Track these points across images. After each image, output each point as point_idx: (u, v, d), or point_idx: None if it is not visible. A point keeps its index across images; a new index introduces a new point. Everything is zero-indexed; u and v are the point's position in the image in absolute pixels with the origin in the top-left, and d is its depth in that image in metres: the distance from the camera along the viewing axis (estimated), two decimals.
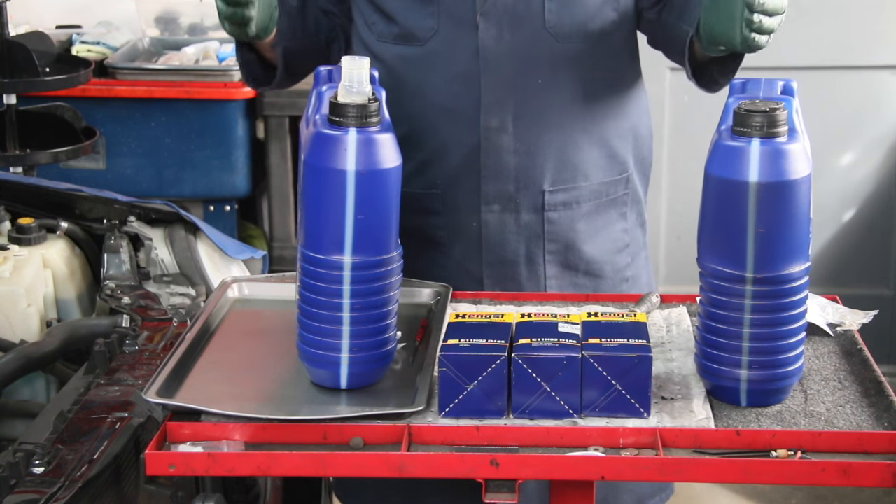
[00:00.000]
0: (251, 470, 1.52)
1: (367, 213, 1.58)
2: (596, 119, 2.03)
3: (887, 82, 4.16)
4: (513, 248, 2.04)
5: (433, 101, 2.00)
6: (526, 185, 2.01)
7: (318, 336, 1.61)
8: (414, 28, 1.99)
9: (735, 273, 1.57)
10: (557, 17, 1.97)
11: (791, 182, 1.54)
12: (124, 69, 3.92)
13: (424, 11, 1.98)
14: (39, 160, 3.32)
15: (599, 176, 2.05)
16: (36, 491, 1.52)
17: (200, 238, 2.31)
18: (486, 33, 1.96)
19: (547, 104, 1.99)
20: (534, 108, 1.99)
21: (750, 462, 1.50)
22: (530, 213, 2.02)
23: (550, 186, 2.02)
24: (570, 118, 2.01)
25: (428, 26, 1.98)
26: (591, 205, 2.06)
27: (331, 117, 1.59)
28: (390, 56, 2.02)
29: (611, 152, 2.05)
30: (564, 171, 2.02)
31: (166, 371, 1.65)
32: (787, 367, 1.60)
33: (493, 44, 1.96)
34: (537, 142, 2.00)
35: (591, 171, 2.04)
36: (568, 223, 2.04)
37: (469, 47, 1.97)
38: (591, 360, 1.56)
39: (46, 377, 2.05)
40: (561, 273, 2.06)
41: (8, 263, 2.10)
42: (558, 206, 2.03)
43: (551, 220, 2.03)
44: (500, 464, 1.49)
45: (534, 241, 2.04)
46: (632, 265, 2.13)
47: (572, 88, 2.00)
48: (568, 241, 2.05)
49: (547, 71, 1.98)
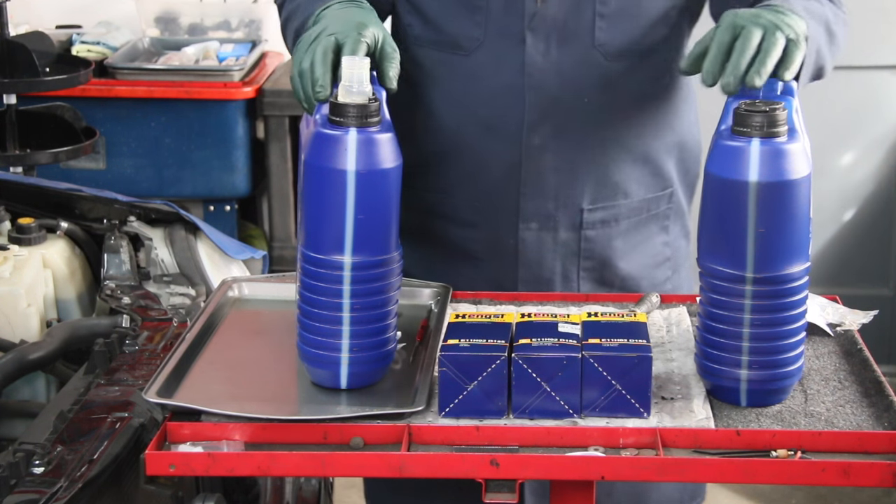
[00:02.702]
0: (251, 470, 1.52)
1: (368, 213, 1.58)
2: (641, 137, 1.98)
3: (887, 82, 4.17)
4: (549, 266, 1.99)
5: (475, 114, 1.94)
6: (565, 203, 1.96)
7: (318, 336, 1.61)
8: (459, 36, 1.93)
9: (735, 273, 1.57)
10: (608, 35, 1.91)
11: (791, 182, 1.54)
12: (124, 69, 3.93)
13: (471, 20, 1.92)
14: (39, 160, 3.32)
15: (641, 193, 2.01)
16: (36, 491, 1.51)
17: (200, 238, 2.31)
18: (534, 48, 1.90)
19: (591, 123, 1.93)
20: (578, 126, 1.93)
21: (750, 462, 1.50)
22: (568, 232, 1.98)
23: (589, 205, 1.97)
24: (615, 137, 1.95)
25: (473, 36, 1.92)
26: (629, 222, 2.01)
27: (331, 117, 1.59)
28: (432, 62, 1.96)
29: (654, 169, 2.01)
30: (604, 190, 1.97)
31: (166, 371, 1.65)
32: (787, 367, 1.60)
33: (539, 59, 1.91)
34: (579, 160, 1.95)
35: (633, 188, 1.99)
36: (605, 241, 2.00)
37: (515, 61, 1.91)
38: (591, 360, 1.56)
39: (46, 377, 2.05)
40: (596, 289, 2.02)
41: (8, 263, 2.10)
42: (596, 224, 1.98)
43: (588, 238, 1.99)
44: (500, 464, 1.49)
45: (570, 258, 1.99)
46: (672, 278, 2.09)
47: (619, 107, 1.94)
48: (604, 259, 2.01)
49: (594, 89, 1.92)
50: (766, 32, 1.60)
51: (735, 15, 1.64)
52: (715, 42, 1.62)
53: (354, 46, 1.65)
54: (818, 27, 1.78)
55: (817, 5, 1.82)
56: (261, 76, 4.03)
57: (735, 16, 1.64)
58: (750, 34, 1.60)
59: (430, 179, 2.01)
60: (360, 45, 1.66)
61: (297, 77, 1.67)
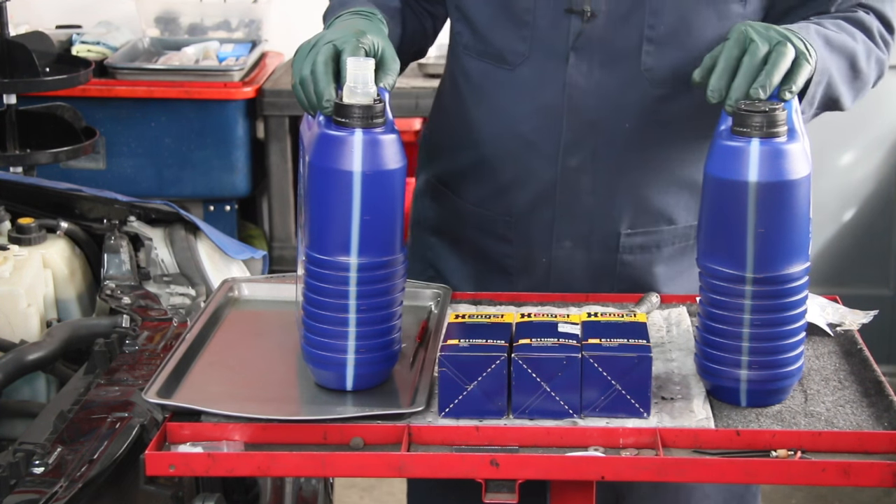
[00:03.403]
0: (251, 470, 1.52)
1: (374, 215, 1.58)
2: (685, 163, 1.92)
3: (887, 82, 4.15)
4: (580, 286, 1.96)
5: (515, 129, 1.91)
6: (601, 226, 1.93)
7: (324, 338, 1.61)
8: (504, 50, 1.90)
9: (735, 273, 1.57)
10: (655, 60, 1.85)
11: (791, 182, 1.54)
12: (124, 69, 3.93)
13: (517, 34, 1.89)
14: (39, 160, 3.32)
15: (686, 219, 1.95)
16: (36, 491, 1.52)
17: (200, 238, 2.31)
18: (576, 68, 1.86)
19: (632, 148, 1.89)
20: (617, 151, 1.89)
21: (750, 462, 1.50)
22: (603, 253, 1.94)
23: (628, 229, 1.93)
24: (657, 163, 1.90)
25: (519, 51, 1.89)
26: (673, 248, 1.96)
27: (336, 118, 1.59)
28: (477, 72, 1.94)
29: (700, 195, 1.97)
30: (645, 215, 1.93)
31: (166, 371, 1.65)
32: (787, 367, 1.60)
33: (582, 80, 1.86)
34: (617, 184, 1.90)
35: (677, 214, 1.94)
36: (645, 266, 1.96)
37: (557, 80, 1.87)
38: (591, 360, 1.56)
39: (46, 377, 2.05)
40: None
41: (8, 263, 2.10)
42: (635, 249, 1.94)
43: (625, 263, 1.95)
44: (500, 464, 1.49)
45: (603, 279, 1.96)
46: None
47: (662, 134, 1.89)
48: (643, 285, 1.96)
49: (636, 115, 1.87)
50: (774, 45, 1.60)
51: (746, 26, 1.63)
52: (723, 57, 1.61)
53: (353, 52, 1.65)
54: (839, 59, 1.76)
55: (848, 39, 1.80)
56: (261, 76, 4.03)
57: (746, 28, 1.62)
58: (757, 49, 1.59)
59: (469, 189, 2.00)
60: (359, 51, 1.66)
61: (299, 85, 1.67)
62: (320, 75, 1.64)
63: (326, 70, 1.65)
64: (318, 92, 1.63)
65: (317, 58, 1.66)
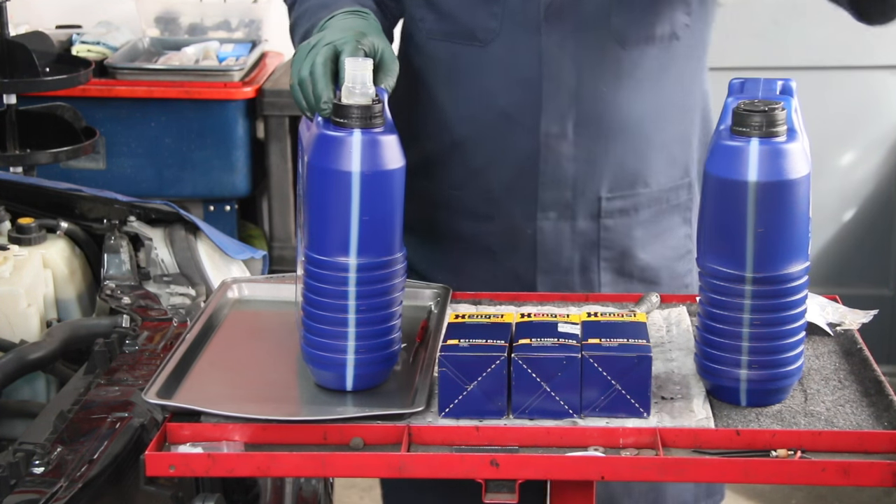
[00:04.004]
0: (251, 470, 1.52)
1: (373, 215, 1.58)
2: (659, 125, 1.97)
3: (887, 82, 4.17)
4: (567, 256, 1.99)
5: (492, 105, 1.94)
6: (583, 192, 1.96)
7: (323, 338, 1.61)
8: (475, 28, 1.93)
9: (734, 273, 1.57)
10: (623, 23, 1.90)
11: (790, 182, 1.54)
12: (124, 69, 3.93)
13: (487, 11, 1.91)
14: (39, 160, 3.33)
15: (661, 182, 2.00)
16: (36, 491, 1.52)
17: (200, 238, 2.31)
18: (550, 38, 1.90)
19: (609, 112, 1.93)
20: (595, 115, 1.93)
21: (750, 462, 1.50)
22: (586, 221, 1.98)
23: (608, 193, 1.97)
24: (633, 125, 1.95)
25: (490, 27, 1.92)
26: (650, 211, 2.01)
27: (335, 119, 1.59)
28: (446, 55, 1.96)
29: (673, 158, 2.01)
30: (623, 179, 1.97)
31: (166, 371, 1.65)
32: (787, 367, 1.60)
33: (556, 49, 1.90)
34: (597, 149, 1.94)
35: (652, 177, 1.99)
36: (625, 230, 2.00)
37: (531, 51, 1.91)
38: (591, 360, 1.56)
39: (46, 377, 2.05)
40: (615, 280, 2.02)
41: (8, 263, 2.11)
42: (615, 213, 1.98)
43: (607, 228, 1.98)
44: (500, 464, 1.49)
45: (589, 248, 1.99)
46: (694, 271, 2.06)
47: (636, 96, 1.94)
48: (624, 248, 2.00)
49: (611, 78, 1.92)
50: None
51: None
52: None
53: (353, 53, 1.65)
54: None
55: None
56: (261, 76, 4.03)
57: None
58: None
59: (442, 175, 2.01)
60: (358, 52, 1.66)
61: (297, 86, 1.67)
62: (319, 76, 1.64)
63: (325, 71, 1.65)
64: (317, 93, 1.63)
65: (316, 59, 1.66)
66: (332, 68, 1.66)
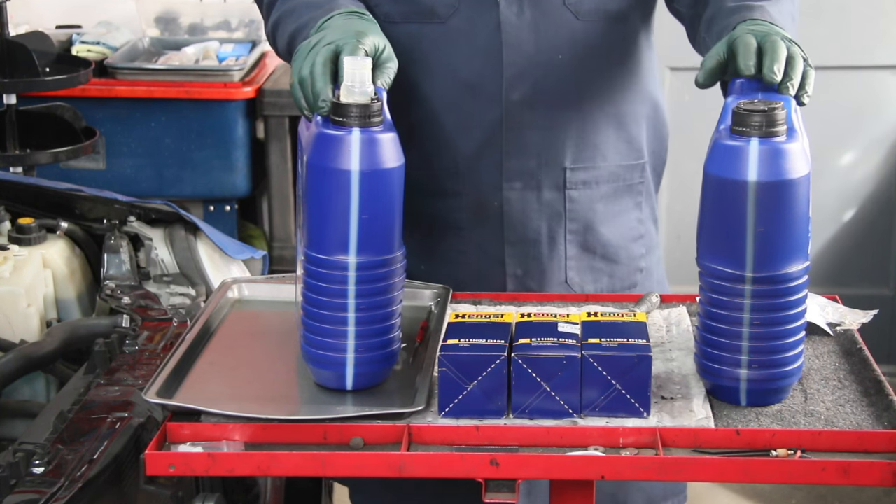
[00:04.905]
0: (251, 470, 1.52)
1: (372, 213, 1.58)
2: (613, 100, 2.02)
3: (887, 82, 4.17)
4: (534, 227, 2.02)
5: (455, 78, 1.98)
6: (547, 161, 2.00)
7: (323, 337, 1.61)
8: (434, 5, 1.96)
9: (734, 273, 1.57)
10: None
11: (790, 181, 1.54)
12: (124, 69, 3.93)
13: None
14: (39, 160, 3.32)
15: (616, 158, 2.05)
16: (36, 491, 1.52)
17: (200, 238, 2.31)
18: (508, 9, 1.95)
19: (567, 80, 1.98)
20: (554, 83, 1.98)
21: (750, 462, 1.50)
22: (552, 191, 2.01)
23: (571, 164, 2.01)
24: (589, 96, 2.00)
25: (449, 3, 1.95)
26: (609, 187, 2.05)
27: (334, 117, 1.59)
28: (404, 36, 1.97)
29: (627, 136, 2.05)
30: (585, 150, 2.01)
31: (166, 371, 1.65)
32: (787, 367, 1.60)
33: (514, 19, 1.95)
34: (558, 118, 1.99)
35: (609, 152, 2.03)
36: (588, 203, 2.03)
37: (491, 22, 1.95)
38: (591, 359, 1.56)
39: (46, 377, 2.05)
40: (580, 255, 2.05)
41: (8, 263, 2.11)
42: (579, 184, 2.02)
43: (572, 199, 2.02)
44: (500, 464, 1.49)
45: (555, 219, 2.02)
46: (646, 257, 2.11)
47: (591, 67, 1.99)
48: (587, 222, 2.04)
49: (567, 47, 1.97)
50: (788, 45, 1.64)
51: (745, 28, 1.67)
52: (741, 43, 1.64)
53: (353, 53, 1.66)
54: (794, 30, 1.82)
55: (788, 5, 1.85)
56: (261, 76, 4.03)
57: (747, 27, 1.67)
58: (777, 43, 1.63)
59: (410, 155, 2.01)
60: (358, 51, 1.67)
61: (297, 85, 1.68)
62: (318, 76, 1.65)
63: (325, 71, 1.65)
64: (315, 92, 1.64)
65: (316, 59, 1.67)
66: (332, 68, 1.67)
